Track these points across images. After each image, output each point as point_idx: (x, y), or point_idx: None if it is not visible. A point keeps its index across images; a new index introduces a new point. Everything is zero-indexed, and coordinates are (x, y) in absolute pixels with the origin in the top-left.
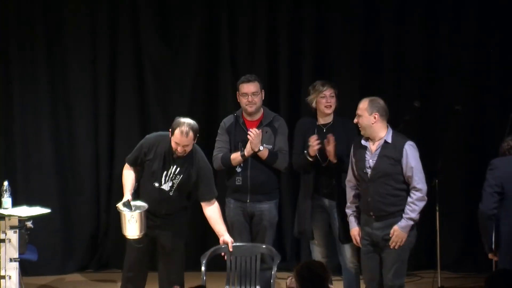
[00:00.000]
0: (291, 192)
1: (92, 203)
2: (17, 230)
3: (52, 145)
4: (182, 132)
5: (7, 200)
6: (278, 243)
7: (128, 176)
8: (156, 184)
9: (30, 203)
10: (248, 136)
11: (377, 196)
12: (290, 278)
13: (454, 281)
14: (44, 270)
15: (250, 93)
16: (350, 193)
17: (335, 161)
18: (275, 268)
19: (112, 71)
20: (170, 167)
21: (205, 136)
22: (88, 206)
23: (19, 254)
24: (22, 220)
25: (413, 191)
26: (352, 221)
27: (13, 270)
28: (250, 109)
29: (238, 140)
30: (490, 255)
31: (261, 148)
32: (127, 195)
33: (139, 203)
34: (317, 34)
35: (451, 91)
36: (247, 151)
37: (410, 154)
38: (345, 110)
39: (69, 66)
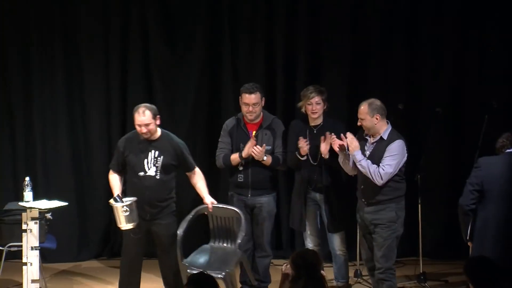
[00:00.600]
0: (286, 187)
1: (105, 196)
2: (38, 221)
3: (69, 144)
4: (139, 112)
5: (28, 194)
6: (275, 233)
7: (114, 179)
8: (141, 173)
9: (49, 197)
10: (252, 154)
11: (369, 185)
12: (286, 264)
13: (435, 267)
14: (62, 257)
15: (251, 103)
16: None
17: (326, 156)
18: (241, 235)
19: (123, 75)
20: (149, 153)
21: (208, 135)
22: (101, 200)
23: (40, 243)
24: (42, 212)
25: (381, 169)
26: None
27: (34, 257)
28: (250, 117)
29: (240, 141)
30: (468, 243)
31: (265, 158)
32: (116, 192)
33: (128, 198)
34: (310, 39)
35: (432, 93)
36: (245, 153)
37: (393, 148)
38: (336, 110)
39: (85, 70)
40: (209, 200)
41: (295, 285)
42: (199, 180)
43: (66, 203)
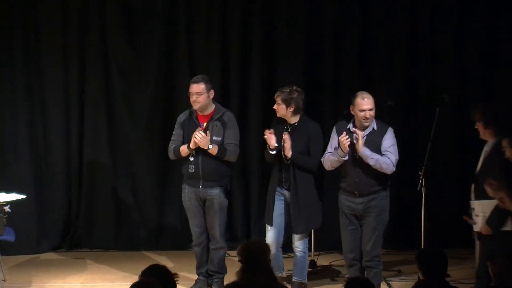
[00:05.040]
0: (241, 180)
1: (64, 189)
2: None
3: (27, 138)
4: None
5: None
6: (230, 225)
7: None
8: None
9: (8, 190)
10: (194, 139)
11: (364, 177)
12: None
13: (389, 256)
14: (21, 250)
15: (194, 93)
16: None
17: (289, 155)
18: None
19: (82, 71)
20: None
21: (163, 129)
22: (60, 192)
23: None
24: (0, 205)
25: (392, 158)
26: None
27: None
28: (195, 107)
29: (191, 133)
30: None
31: (210, 146)
32: None
33: None
34: (264, 41)
35: (384, 87)
36: (192, 143)
37: (389, 136)
38: None
39: (44, 64)
40: None
41: (241, 276)
42: None
43: (25, 196)
